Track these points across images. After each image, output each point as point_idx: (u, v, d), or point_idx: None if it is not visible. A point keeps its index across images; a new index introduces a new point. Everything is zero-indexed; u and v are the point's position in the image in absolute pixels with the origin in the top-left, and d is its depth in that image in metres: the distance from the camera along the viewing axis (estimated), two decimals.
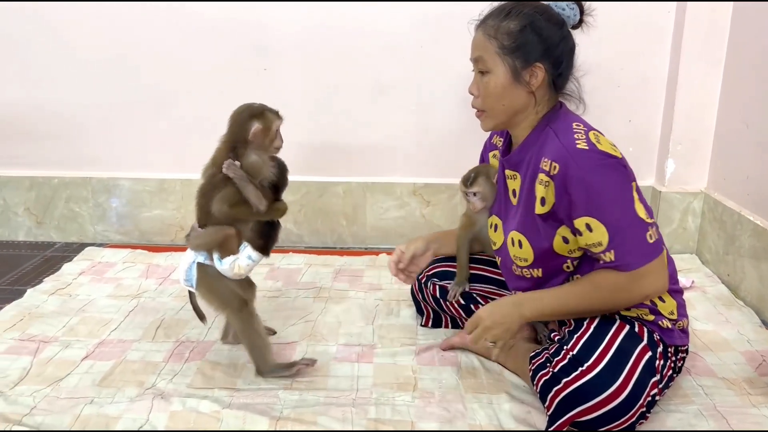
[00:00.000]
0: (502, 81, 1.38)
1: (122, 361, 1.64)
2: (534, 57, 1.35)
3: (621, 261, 1.30)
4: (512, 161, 1.47)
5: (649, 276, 1.31)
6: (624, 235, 1.28)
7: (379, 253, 2.42)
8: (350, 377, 1.58)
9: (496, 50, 1.37)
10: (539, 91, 1.39)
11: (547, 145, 1.35)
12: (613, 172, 1.29)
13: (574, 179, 1.28)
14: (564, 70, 1.39)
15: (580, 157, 1.28)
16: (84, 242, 2.57)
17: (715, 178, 2.30)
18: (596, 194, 1.28)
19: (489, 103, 1.42)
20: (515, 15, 1.36)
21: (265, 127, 1.51)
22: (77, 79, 2.43)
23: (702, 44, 2.21)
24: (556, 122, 1.38)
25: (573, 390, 1.27)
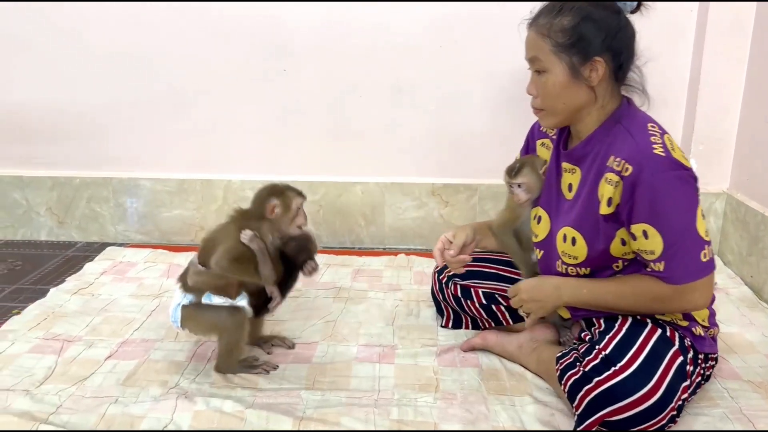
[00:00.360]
0: (561, 79, 1.34)
1: (146, 361, 1.65)
2: (592, 51, 1.31)
3: (669, 273, 1.28)
4: (574, 156, 1.43)
5: (694, 292, 1.30)
6: (679, 249, 1.26)
7: (398, 254, 2.42)
8: (372, 378, 1.58)
9: (552, 48, 1.33)
10: (601, 86, 1.35)
11: (618, 143, 1.31)
12: (685, 185, 1.26)
13: (644, 184, 1.25)
14: (625, 60, 1.35)
15: (656, 163, 1.24)
16: (105, 242, 2.59)
17: (738, 178, 2.28)
18: (662, 204, 1.25)
19: (549, 103, 1.39)
20: (568, 10, 1.32)
21: (284, 205, 1.55)
22: (98, 79, 2.45)
23: (725, 43, 2.19)
24: (629, 120, 1.34)
25: (604, 389, 1.26)
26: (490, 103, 2.39)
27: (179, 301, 1.57)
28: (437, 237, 2.49)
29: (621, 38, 1.33)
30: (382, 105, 2.42)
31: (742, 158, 2.25)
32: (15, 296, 2.08)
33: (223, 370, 1.59)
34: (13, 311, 1.93)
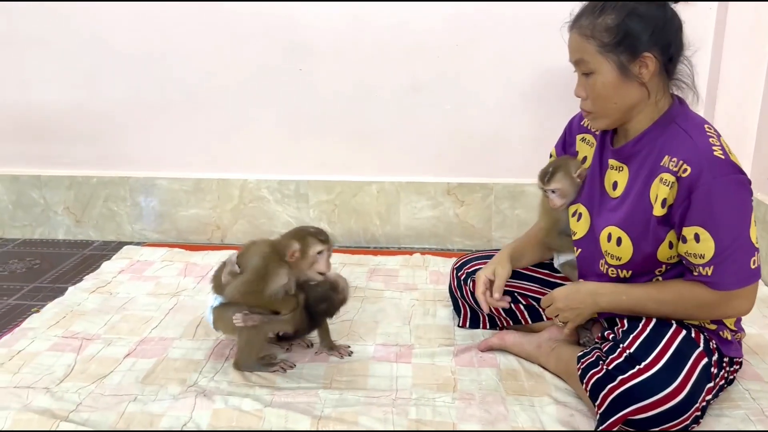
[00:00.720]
0: (611, 80, 1.31)
1: (164, 359, 1.66)
2: (641, 47, 1.28)
3: (717, 279, 1.26)
4: (623, 153, 1.40)
5: (740, 299, 1.29)
6: (730, 255, 1.24)
7: (413, 253, 2.42)
8: (389, 377, 1.58)
9: (597, 49, 1.30)
10: (652, 81, 1.31)
11: (674, 143, 1.29)
12: (742, 190, 1.24)
13: (703, 187, 1.23)
14: (674, 53, 1.32)
15: (716, 166, 1.22)
16: (122, 241, 2.61)
17: (758, 177, 2.25)
18: (719, 208, 1.23)
19: (600, 105, 1.36)
20: (611, 8, 1.29)
21: (302, 251, 1.55)
22: (116, 79, 2.47)
23: (744, 42, 2.17)
24: (684, 119, 1.32)
25: (628, 387, 1.25)
26: (506, 102, 2.38)
27: (212, 304, 1.60)
28: (452, 236, 2.48)
29: (668, 31, 1.29)
30: (398, 104, 2.42)
31: (762, 158, 2.23)
32: (33, 295, 2.09)
33: (242, 368, 1.61)
34: (33, 309, 1.95)
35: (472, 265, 1.80)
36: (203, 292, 2.07)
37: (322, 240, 1.58)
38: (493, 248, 2.44)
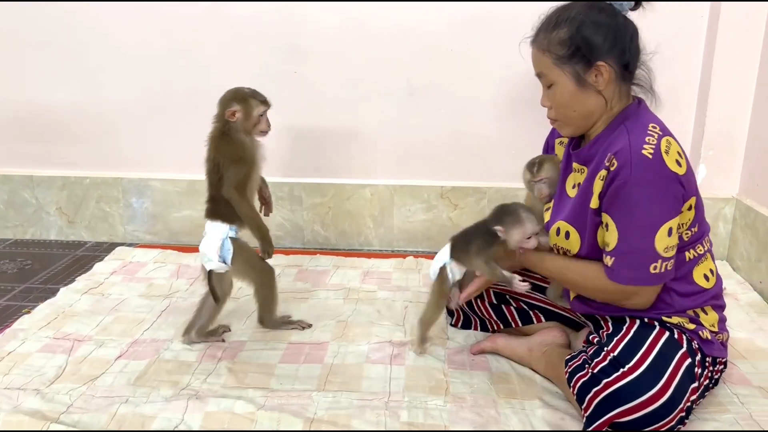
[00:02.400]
0: (569, 90, 1.37)
1: (156, 361, 1.66)
2: (594, 57, 1.33)
3: (614, 271, 1.33)
4: (582, 156, 1.45)
5: (634, 296, 1.35)
6: (630, 252, 1.30)
7: (406, 256, 2.43)
8: (383, 379, 1.58)
9: (554, 62, 1.36)
10: (609, 89, 1.36)
11: (616, 141, 1.33)
12: (659, 194, 1.27)
13: (620, 180, 1.27)
14: (630, 59, 1.35)
15: (639, 165, 1.26)
16: (114, 242, 2.60)
17: (748, 184, 2.27)
18: (629, 205, 1.28)
19: (562, 113, 1.42)
20: (563, 21, 1.34)
21: (245, 112, 1.65)
22: (111, 80, 2.46)
23: (735, 49, 2.18)
24: (633, 120, 1.36)
25: (613, 391, 1.27)
26: (501, 107, 2.39)
27: (224, 235, 1.66)
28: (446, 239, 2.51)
29: (621, 38, 1.34)
30: (392, 107, 2.43)
31: (752, 164, 2.25)
32: (25, 295, 2.09)
33: (266, 324, 1.77)
34: (24, 310, 1.95)
35: None
36: (196, 294, 2.06)
37: (262, 100, 1.69)
38: None
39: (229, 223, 1.68)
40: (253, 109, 1.67)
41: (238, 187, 1.66)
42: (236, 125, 1.66)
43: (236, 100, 1.66)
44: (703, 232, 1.41)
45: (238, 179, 1.65)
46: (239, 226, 1.70)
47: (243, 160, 1.66)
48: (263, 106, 1.68)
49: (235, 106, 1.65)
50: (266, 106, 1.69)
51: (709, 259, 1.43)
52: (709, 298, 1.41)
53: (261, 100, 1.68)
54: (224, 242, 1.66)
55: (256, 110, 1.67)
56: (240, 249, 1.67)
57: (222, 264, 1.66)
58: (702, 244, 1.42)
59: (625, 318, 1.41)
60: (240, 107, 1.65)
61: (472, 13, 2.29)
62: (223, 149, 1.67)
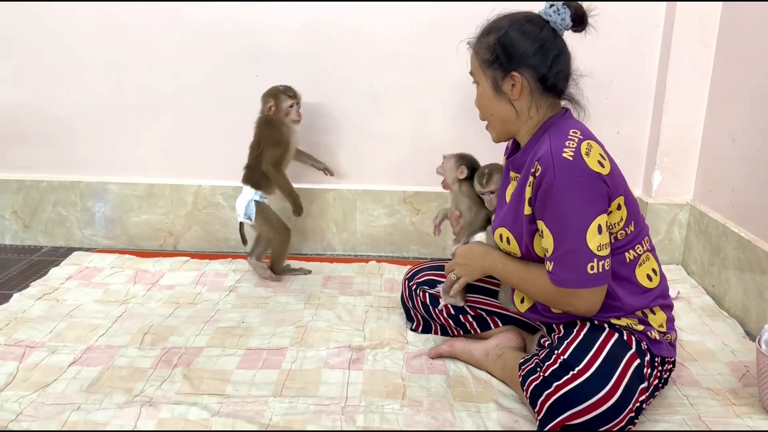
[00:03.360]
0: (487, 93, 1.45)
1: (110, 367, 1.63)
2: (510, 67, 1.38)
3: (555, 275, 1.35)
4: (515, 164, 1.49)
5: (576, 299, 1.36)
6: (566, 254, 1.32)
7: (369, 261, 2.43)
8: (340, 384, 1.58)
9: (480, 64, 1.44)
10: (522, 100, 1.41)
11: (541, 147, 1.37)
12: (584, 192, 1.30)
13: (545, 185, 1.31)
14: (548, 75, 1.39)
15: (560, 167, 1.30)
16: (71, 246, 2.55)
17: (701, 190, 2.33)
18: (557, 207, 1.31)
19: (483, 115, 1.51)
20: (494, 29, 1.41)
21: (277, 105, 2.10)
22: (69, 82, 2.42)
23: (689, 59, 2.24)
24: (555, 128, 1.40)
25: (564, 393, 1.29)
26: (463, 112, 2.41)
27: (251, 197, 2.12)
28: (409, 244, 2.52)
29: (542, 53, 1.38)
30: (355, 112, 2.43)
31: (705, 170, 2.31)
32: None
33: (275, 271, 2.20)
34: None
35: (422, 276, 1.82)
36: (153, 299, 2.04)
37: (291, 95, 2.11)
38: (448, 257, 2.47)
39: (256, 188, 2.14)
40: (282, 102, 2.10)
41: (275, 164, 2.12)
42: (274, 116, 2.10)
43: (270, 95, 2.11)
44: (640, 232, 1.44)
45: (275, 158, 2.11)
46: (265, 192, 2.16)
47: (279, 143, 2.11)
48: (291, 99, 2.10)
49: (270, 102, 2.09)
50: (294, 99, 2.11)
51: (651, 259, 1.46)
52: (656, 298, 1.44)
53: (289, 95, 2.10)
54: (250, 203, 2.12)
55: (285, 103, 2.10)
56: (261, 211, 2.14)
57: (247, 220, 2.14)
58: (641, 244, 1.44)
59: (576, 321, 1.44)
60: (273, 102, 2.09)
61: (432, 19, 2.31)
62: (265, 133, 2.12)
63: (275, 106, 2.08)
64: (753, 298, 1.90)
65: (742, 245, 1.97)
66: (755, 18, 1.99)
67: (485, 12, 1.48)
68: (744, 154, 2.03)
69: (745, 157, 2.03)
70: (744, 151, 2.03)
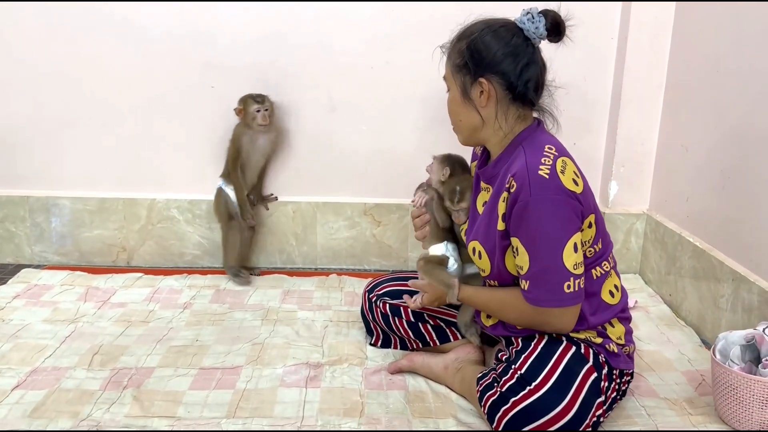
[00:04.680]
0: (456, 98, 1.42)
1: (56, 390, 1.56)
2: (477, 73, 1.36)
3: (530, 294, 1.33)
4: (487, 175, 1.48)
5: (553, 318, 1.35)
6: (542, 273, 1.30)
7: (330, 274, 2.40)
8: (297, 403, 1.54)
9: (451, 69, 1.42)
10: (489, 108, 1.38)
11: (514, 162, 1.35)
12: (560, 211, 1.28)
13: (521, 202, 1.29)
14: (517, 83, 1.36)
15: (536, 184, 1.28)
16: (20, 263, 2.46)
17: (657, 199, 2.37)
18: (533, 225, 1.29)
19: (452, 120, 1.49)
20: (466, 35, 1.38)
21: (242, 109, 2.21)
22: (16, 92, 2.34)
23: (643, 70, 2.28)
24: (529, 141, 1.38)
25: (521, 409, 1.28)
26: (422, 123, 2.41)
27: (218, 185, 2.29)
28: (370, 256, 2.50)
29: (510, 61, 1.35)
30: (313, 124, 2.40)
31: (661, 180, 2.34)
32: None
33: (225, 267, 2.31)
34: None
35: (383, 287, 1.80)
36: (104, 317, 1.98)
37: (258, 101, 2.19)
38: (410, 268, 2.45)
39: (224, 179, 2.29)
40: (249, 106, 2.19)
41: (231, 162, 2.26)
42: (243, 119, 2.23)
43: (240, 100, 2.22)
44: (606, 249, 1.44)
45: (230, 156, 2.26)
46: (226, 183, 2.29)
47: (233, 143, 2.25)
48: (257, 104, 2.18)
49: (239, 105, 2.21)
50: (260, 104, 2.18)
51: (614, 275, 1.47)
52: (617, 312, 1.44)
53: (257, 100, 2.19)
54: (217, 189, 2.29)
55: (252, 107, 2.18)
56: (217, 196, 2.30)
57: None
58: (608, 261, 1.45)
59: (534, 334, 1.43)
60: (241, 106, 2.21)
61: (390, 31, 2.31)
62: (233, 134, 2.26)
63: (243, 110, 2.20)
64: (708, 307, 1.93)
65: (697, 254, 2.00)
66: (706, 32, 2.03)
67: (448, 22, 1.46)
68: (697, 164, 2.07)
69: (698, 167, 2.06)
70: (697, 161, 2.07)
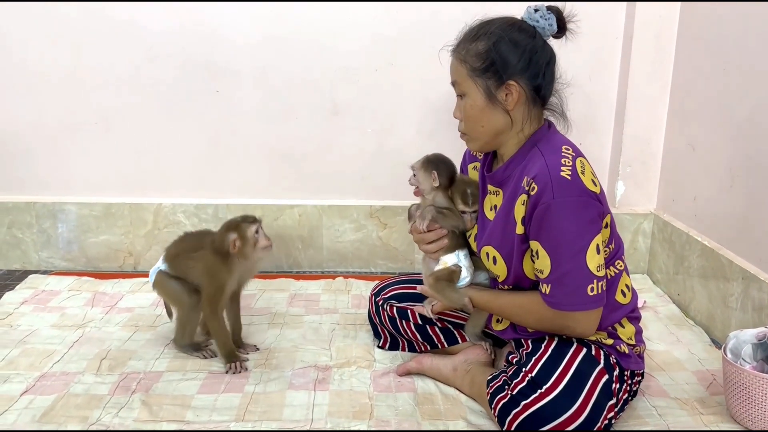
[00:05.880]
0: (479, 103, 1.37)
1: (65, 395, 1.56)
2: (506, 75, 1.33)
3: (552, 298, 1.31)
4: (496, 178, 1.45)
5: (575, 322, 1.33)
6: (565, 276, 1.28)
7: (336, 277, 2.39)
8: (306, 406, 1.54)
9: (468, 73, 1.36)
10: (518, 110, 1.36)
11: (531, 164, 1.33)
12: (583, 212, 1.27)
13: (543, 205, 1.26)
14: (543, 84, 1.35)
15: (559, 186, 1.26)
16: (27, 269, 2.46)
17: (664, 199, 2.36)
18: (554, 227, 1.27)
19: (470, 126, 1.42)
20: (483, 36, 1.34)
21: (241, 237, 1.66)
22: (20, 99, 2.35)
23: (649, 69, 2.27)
24: (545, 142, 1.36)
25: (532, 412, 1.27)
26: (426, 125, 2.40)
27: (158, 266, 1.79)
28: (376, 259, 2.50)
29: (536, 61, 1.34)
30: (318, 127, 2.41)
31: (668, 180, 2.33)
32: None
33: (177, 345, 1.79)
34: None
35: (390, 291, 1.79)
36: (111, 323, 1.98)
37: (252, 221, 1.69)
38: (416, 271, 2.45)
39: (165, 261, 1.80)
40: (245, 231, 1.68)
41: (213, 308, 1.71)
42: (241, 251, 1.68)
43: (230, 230, 1.68)
44: (618, 249, 1.44)
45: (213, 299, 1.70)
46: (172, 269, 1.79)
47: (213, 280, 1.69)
48: (254, 224, 1.69)
49: (233, 236, 1.67)
50: (256, 223, 1.70)
51: (625, 275, 1.46)
52: (627, 312, 1.44)
53: (249, 220, 1.70)
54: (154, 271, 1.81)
55: (250, 232, 1.68)
56: (161, 282, 1.79)
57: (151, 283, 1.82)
58: (621, 260, 1.44)
59: (544, 336, 1.42)
60: (236, 235, 1.67)
61: (393, 34, 2.31)
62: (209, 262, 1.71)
63: (240, 240, 1.66)
64: (717, 306, 1.92)
65: (706, 253, 1.99)
66: (711, 30, 2.02)
67: (450, 24, 1.45)
68: (704, 163, 2.06)
69: (705, 166, 2.05)
70: (704, 160, 2.06)
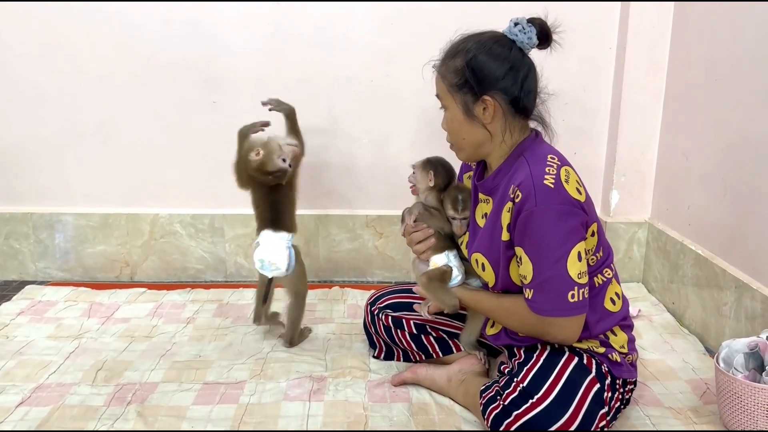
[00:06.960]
0: (458, 117, 1.40)
1: (60, 407, 1.56)
2: (481, 90, 1.35)
3: (534, 303, 1.33)
4: (486, 187, 1.47)
5: (556, 327, 1.34)
6: (546, 283, 1.30)
7: (332, 286, 2.40)
8: (300, 417, 1.54)
9: (448, 89, 1.40)
10: (496, 123, 1.38)
11: (517, 173, 1.35)
12: (566, 220, 1.28)
13: (526, 212, 1.29)
14: (521, 96, 1.37)
15: (543, 194, 1.28)
16: (24, 280, 2.47)
17: (658, 208, 2.37)
18: (536, 234, 1.29)
19: (452, 138, 1.47)
20: (460, 52, 1.37)
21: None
22: (17, 111, 2.36)
23: (642, 78, 2.29)
24: (530, 152, 1.38)
25: (524, 422, 1.27)
26: (422, 136, 2.42)
27: (287, 243, 1.78)
28: (372, 268, 2.50)
29: (512, 74, 1.35)
30: (314, 136, 2.41)
31: (662, 189, 2.34)
32: None
33: (295, 343, 1.88)
34: None
35: (385, 300, 1.80)
36: (108, 333, 1.98)
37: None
38: (412, 280, 2.45)
39: (288, 231, 1.82)
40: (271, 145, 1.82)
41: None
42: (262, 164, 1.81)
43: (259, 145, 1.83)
44: (607, 257, 1.45)
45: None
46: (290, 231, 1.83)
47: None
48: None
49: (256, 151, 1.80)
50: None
51: (615, 283, 1.47)
52: (618, 320, 1.44)
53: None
54: (290, 251, 1.80)
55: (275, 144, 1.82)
56: (299, 257, 1.84)
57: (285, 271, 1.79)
58: (609, 268, 1.45)
59: (537, 345, 1.43)
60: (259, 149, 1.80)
61: (389, 45, 2.32)
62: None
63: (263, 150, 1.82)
64: (711, 315, 1.93)
65: (700, 262, 2.00)
66: (705, 40, 2.04)
67: (445, 36, 1.46)
68: (698, 172, 2.07)
69: (699, 175, 2.06)
70: (698, 169, 2.07)
